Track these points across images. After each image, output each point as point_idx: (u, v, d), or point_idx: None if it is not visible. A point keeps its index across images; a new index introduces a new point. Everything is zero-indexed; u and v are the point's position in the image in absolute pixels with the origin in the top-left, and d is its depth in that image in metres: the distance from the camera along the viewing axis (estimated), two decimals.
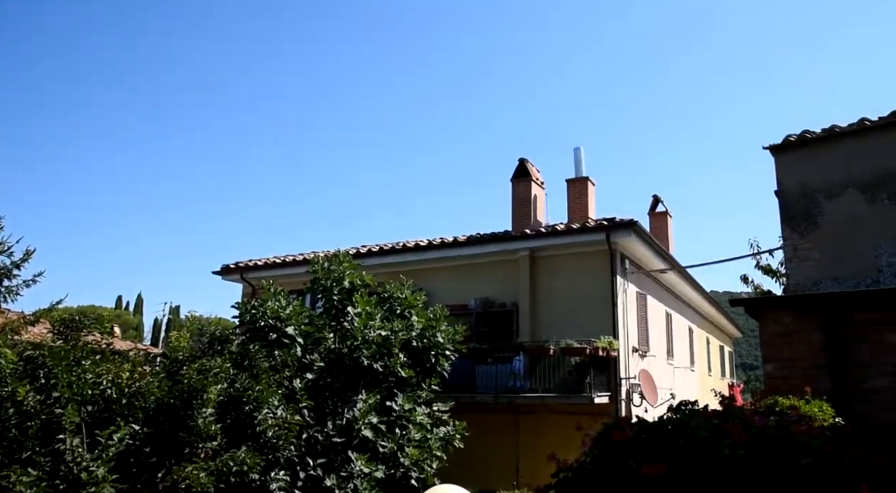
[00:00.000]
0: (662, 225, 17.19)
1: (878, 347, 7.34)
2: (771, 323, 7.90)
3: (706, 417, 3.15)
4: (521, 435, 12.23)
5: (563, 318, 12.47)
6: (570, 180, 14.05)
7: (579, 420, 3.17)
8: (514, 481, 11.14)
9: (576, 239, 12.60)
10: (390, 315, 9.60)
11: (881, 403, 7.19)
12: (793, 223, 9.69)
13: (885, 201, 9.14)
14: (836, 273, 9.25)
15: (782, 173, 9.97)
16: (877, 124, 9.41)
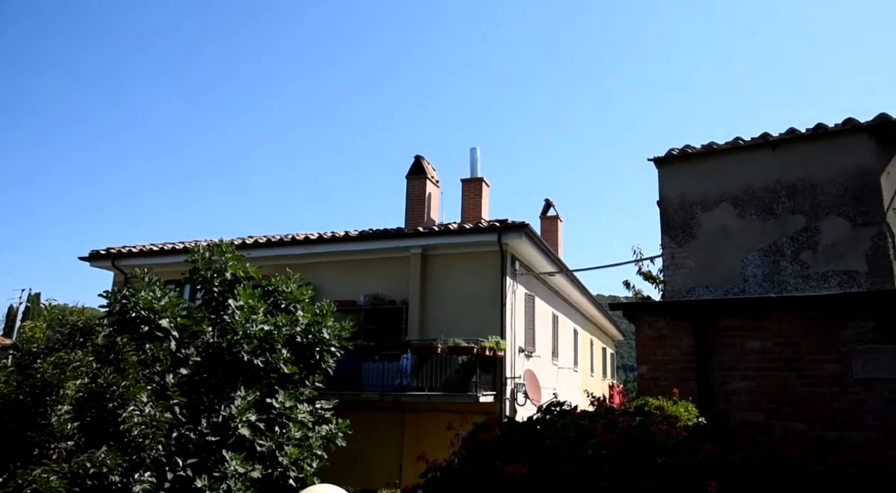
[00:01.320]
0: (553, 229, 17.84)
1: (740, 351, 7.98)
2: (646, 327, 8.38)
3: (574, 417, 3.28)
4: (406, 434, 12.28)
5: (453, 317, 12.65)
6: (465, 180, 14.28)
7: (451, 420, 3.20)
8: (396, 479, 11.18)
9: (468, 239, 12.81)
10: (274, 309, 9.35)
11: (739, 403, 7.82)
12: (671, 232, 10.33)
13: (752, 216, 9.93)
14: (708, 281, 9.97)
15: (664, 185, 10.60)
16: (749, 144, 10.21)
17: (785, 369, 7.76)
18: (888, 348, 7.42)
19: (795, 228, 9.62)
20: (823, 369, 7.64)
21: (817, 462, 7.43)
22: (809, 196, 9.66)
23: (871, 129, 9.52)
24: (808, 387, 7.63)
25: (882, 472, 7.18)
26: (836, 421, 7.46)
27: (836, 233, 9.41)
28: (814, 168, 9.72)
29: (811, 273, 9.44)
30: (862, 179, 9.43)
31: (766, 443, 7.64)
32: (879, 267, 9.13)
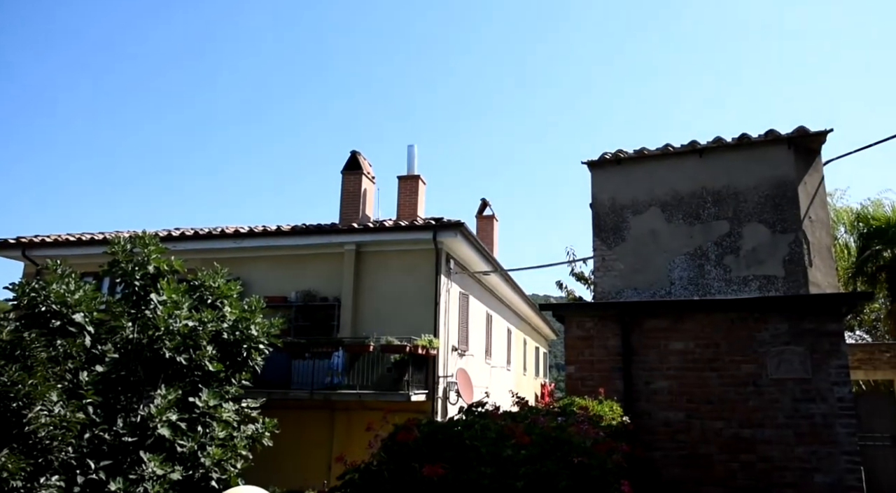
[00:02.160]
0: (489, 228, 18.02)
1: (664, 352, 8.26)
2: (574, 328, 8.56)
3: (495, 418, 3.31)
4: (336, 433, 12.16)
5: (386, 314, 12.59)
6: (402, 177, 14.24)
7: (371, 420, 3.18)
8: (325, 479, 11.04)
9: (403, 236, 12.79)
10: (200, 305, 9.07)
11: (661, 402, 8.10)
12: (602, 235, 10.59)
13: (679, 221, 10.29)
14: (637, 284, 10.26)
15: (596, 188, 10.85)
16: (677, 151, 10.57)
17: (705, 370, 8.09)
18: (799, 350, 7.84)
19: (719, 234, 10.03)
20: (741, 369, 8.00)
21: (733, 459, 7.78)
22: (733, 203, 10.08)
23: (790, 140, 10.02)
24: (726, 387, 7.98)
25: (790, 467, 7.58)
26: (750, 419, 7.82)
27: (756, 239, 9.85)
28: (737, 176, 10.15)
29: (733, 277, 9.86)
30: (781, 188, 9.91)
31: (686, 441, 7.94)
32: (795, 272, 9.62)
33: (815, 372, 7.77)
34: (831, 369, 7.73)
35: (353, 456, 3.24)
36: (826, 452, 7.53)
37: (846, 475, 7.46)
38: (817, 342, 7.82)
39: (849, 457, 7.49)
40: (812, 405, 7.70)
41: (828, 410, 7.63)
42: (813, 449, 7.57)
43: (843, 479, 7.45)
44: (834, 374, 7.73)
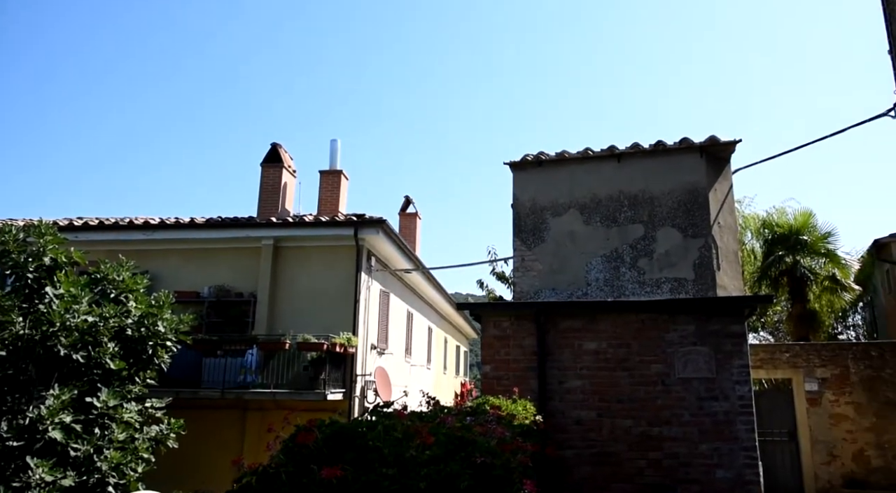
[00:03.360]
0: (411, 225, 18.01)
1: (578, 352, 8.47)
2: (491, 327, 8.66)
3: (401, 418, 3.28)
4: (247, 434, 11.84)
5: (304, 312, 12.37)
6: (324, 172, 14.02)
7: (271, 422, 3.09)
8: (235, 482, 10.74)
9: (323, 232, 12.59)
10: (102, 299, 8.58)
11: (574, 401, 8.31)
12: (522, 235, 10.76)
13: (597, 224, 10.59)
14: (555, 284, 10.49)
15: (518, 189, 11.03)
16: (597, 155, 10.88)
17: (617, 369, 8.36)
18: (705, 351, 8.22)
19: (635, 237, 10.39)
20: (650, 369, 8.31)
21: (641, 456, 8.07)
22: (648, 207, 10.46)
23: (702, 149, 10.49)
24: (636, 386, 8.27)
25: (694, 463, 7.94)
26: (658, 417, 8.14)
27: (669, 243, 10.27)
28: (653, 181, 10.54)
29: (647, 279, 10.23)
30: (693, 194, 10.36)
31: (597, 439, 8.18)
32: (704, 276, 10.08)
33: (719, 372, 8.15)
34: (734, 369, 8.14)
35: (265, 458, 3.14)
36: (727, 448, 7.92)
37: (745, 469, 7.88)
38: (721, 343, 8.21)
39: (747, 453, 7.90)
40: (715, 404, 8.08)
41: (730, 408, 8.03)
42: (715, 446, 7.95)
43: (742, 474, 7.86)
44: (736, 373, 8.14)
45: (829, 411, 12.93)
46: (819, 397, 13.04)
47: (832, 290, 19.53)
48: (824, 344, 14.35)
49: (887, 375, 12.78)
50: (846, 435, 12.73)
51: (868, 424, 12.66)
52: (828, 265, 19.15)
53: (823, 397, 13.01)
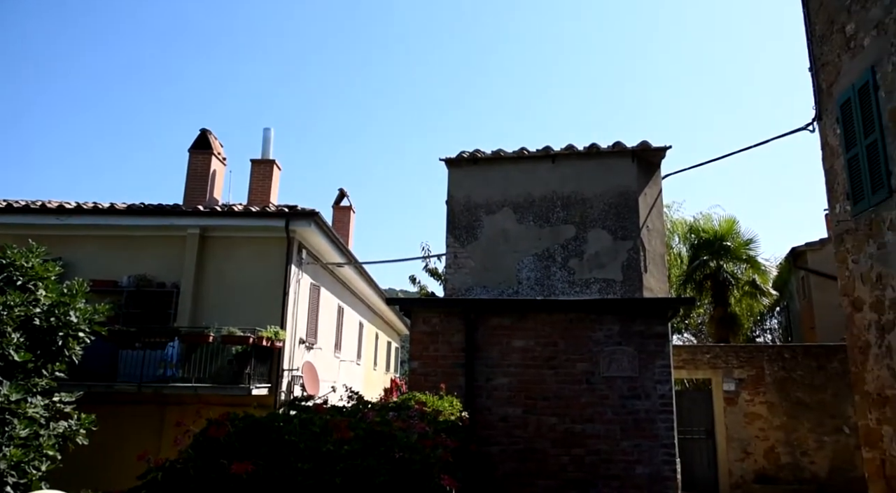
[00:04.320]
0: (345, 219, 17.83)
1: (506, 349, 8.59)
2: (421, 323, 8.67)
3: (320, 413, 3.24)
4: (165, 430, 11.44)
5: (231, 304, 12.06)
6: (256, 161, 13.70)
7: (181, 416, 3.00)
8: None
9: (253, 223, 12.30)
10: (7, 286, 8.12)
11: (501, 398, 8.42)
12: (456, 232, 10.83)
13: (530, 223, 10.76)
14: (487, 282, 10.60)
15: (453, 185, 11.08)
16: (532, 155, 11.05)
17: (544, 367, 8.52)
18: (629, 350, 8.47)
19: (566, 237, 10.61)
20: (576, 367, 8.51)
21: (565, 452, 8.26)
22: (580, 208, 10.71)
23: (634, 153, 10.81)
24: (562, 384, 8.45)
25: (615, 459, 8.18)
26: (583, 415, 8.35)
27: (599, 244, 10.54)
28: (586, 183, 10.80)
29: (576, 279, 10.48)
30: (624, 197, 10.67)
31: (522, 436, 8.32)
32: (632, 277, 10.40)
33: (642, 371, 8.42)
34: (656, 369, 8.42)
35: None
36: (647, 445, 8.20)
37: (663, 466, 8.17)
38: (645, 343, 8.49)
39: (666, 449, 8.20)
40: (637, 402, 8.35)
41: (651, 406, 8.31)
42: (636, 443, 8.21)
43: (660, 470, 8.15)
44: (658, 373, 8.42)
45: (745, 410, 13.56)
46: (736, 397, 13.66)
47: (752, 294, 20.50)
48: (742, 346, 15.03)
49: (798, 376, 13.50)
50: (759, 433, 13.38)
51: (779, 422, 13.34)
52: (748, 271, 20.08)
53: (740, 397, 13.64)
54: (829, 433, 13.11)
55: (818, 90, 9.52)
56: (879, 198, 7.61)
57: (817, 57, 9.51)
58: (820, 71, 9.42)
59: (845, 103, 8.44)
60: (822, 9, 9.37)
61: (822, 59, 9.33)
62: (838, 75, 8.74)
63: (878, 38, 7.66)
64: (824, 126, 9.33)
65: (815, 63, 9.59)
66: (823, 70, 9.29)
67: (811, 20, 9.79)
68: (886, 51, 7.45)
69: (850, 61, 8.36)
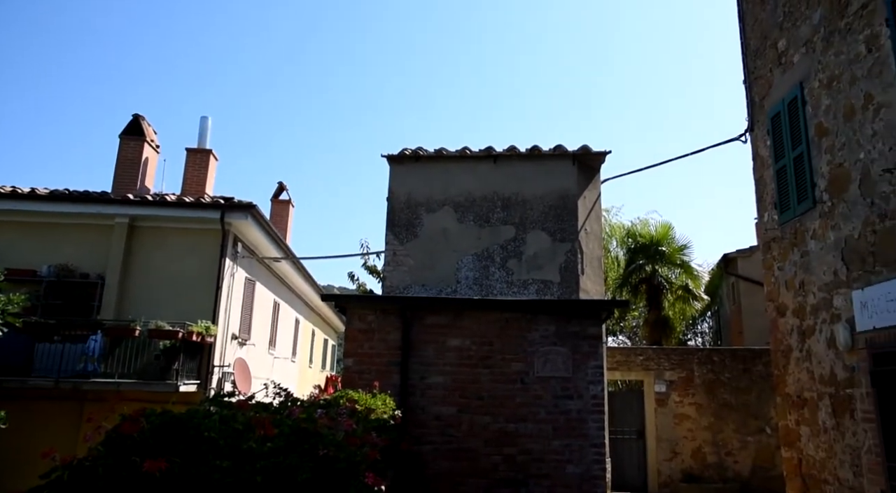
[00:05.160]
0: (283, 213, 17.55)
1: (442, 348, 8.61)
2: (356, 320, 8.61)
3: (244, 409, 3.17)
4: (84, 427, 10.98)
5: (160, 297, 11.68)
6: (191, 150, 13.31)
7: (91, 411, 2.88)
8: None
9: (187, 213, 11.94)
10: None
11: (435, 397, 8.43)
12: (395, 230, 10.80)
13: (470, 223, 10.83)
14: (425, 280, 10.61)
15: (394, 182, 11.05)
16: (474, 155, 11.12)
17: (479, 366, 8.58)
18: (563, 351, 8.62)
19: (506, 238, 10.73)
20: (511, 367, 8.60)
21: (497, 452, 8.34)
22: (520, 210, 10.84)
23: (574, 157, 11.02)
24: (496, 383, 8.53)
25: (546, 459, 8.31)
26: (516, 415, 8.44)
27: (538, 245, 10.70)
28: (527, 185, 10.94)
29: (515, 280, 10.61)
30: (563, 199, 10.85)
31: (456, 435, 8.36)
32: (569, 279, 10.60)
33: (576, 371, 8.58)
34: (589, 369, 8.60)
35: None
36: (578, 445, 8.36)
37: (593, 465, 8.34)
38: (579, 344, 8.65)
39: (596, 449, 8.38)
40: (570, 402, 8.50)
41: (583, 406, 8.48)
42: (567, 442, 8.36)
43: (590, 469, 8.32)
44: (591, 373, 8.60)
45: (674, 411, 14.01)
46: (666, 399, 14.09)
47: (685, 299, 21.25)
48: (674, 349, 15.53)
49: (726, 378, 14.03)
50: (687, 434, 13.84)
51: (706, 423, 13.84)
52: (682, 276, 20.80)
53: (670, 399, 14.07)
54: (753, 434, 13.67)
55: (751, 103, 9.91)
56: (804, 208, 7.98)
57: (751, 71, 9.89)
58: (753, 84, 9.80)
59: (776, 116, 8.81)
60: (756, 25, 9.75)
61: (755, 73, 9.71)
62: (770, 89, 9.11)
63: (806, 56, 8.03)
64: (756, 138, 9.71)
65: (749, 76, 9.98)
66: (756, 84, 9.67)
67: (746, 35, 10.18)
68: (814, 68, 7.82)
69: (781, 76, 8.73)
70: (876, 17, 6.56)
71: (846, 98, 7.08)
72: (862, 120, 6.77)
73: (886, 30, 6.34)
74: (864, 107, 6.72)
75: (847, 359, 6.98)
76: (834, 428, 7.31)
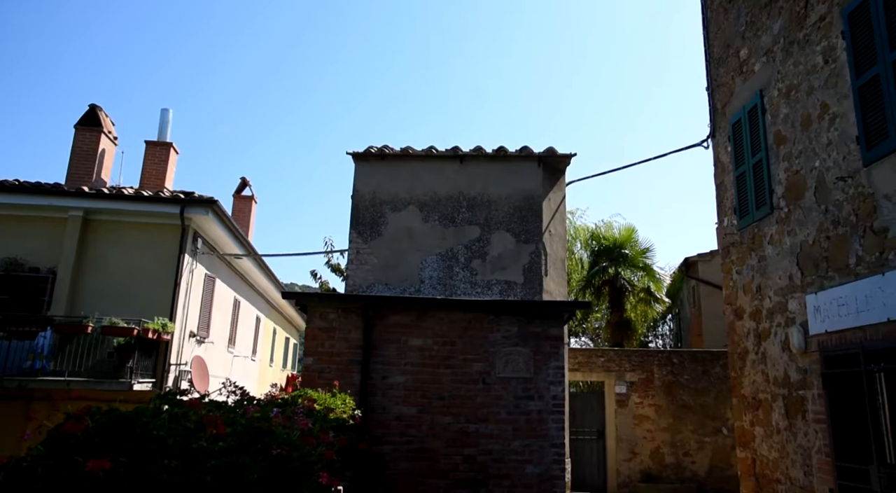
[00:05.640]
0: (246, 209, 17.31)
1: (403, 347, 8.58)
2: (317, 318, 8.53)
3: (196, 407, 3.11)
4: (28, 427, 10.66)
5: (115, 293, 11.39)
6: (151, 143, 13.02)
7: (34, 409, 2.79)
8: None
9: (145, 208, 11.67)
10: None
11: (396, 397, 8.40)
12: (360, 228, 10.74)
13: (435, 222, 10.83)
14: (389, 279, 10.58)
15: (359, 180, 10.99)
16: (441, 154, 11.12)
17: (441, 366, 8.57)
18: (525, 352, 8.66)
19: (470, 238, 10.76)
20: (473, 367, 8.61)
21: (457, 452, 8.34)
22: (485, 210, 10.88)
23: (540, 158, 11.10)
24: (458, 383, 8.53)
25: (506, 459, 8.34)
26: (477, 415, 8.46)
27: (502, 246, 10.75)
28: (492, 185, 10.98)
29: (478, 280, 10.64)
30: (528, 201, 10.93)
31: (416, 435, 8.33)
32: (532, 280, 10.67)
33: (537, 372, 8.63)
34: (550, 370, 8.66)
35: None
36: (538, 445, 8.41)
37: (553, 465, 8.40)
38: (541, 345, 8.70)
39: (556, 449, 8.44)
40: (531, 403, 8.55)
41: (543, 407, 8.54)
42: (527, 442, 8.41)
43: (549, 469, 8.38)
44: (552, 374, 8.66)
45: (634, 412, 14.21)
46: (626, 400, 14.28)
47: (646, 301, 21.59)
48: (635, 350, 15.75)
49: (685, 380, 14.29)
50: (646, 434, 14.06)
51: (665, 424, 14.07)
52: (644, 278, 21.11)
53: (630, 400, 14.27)
54: (710, 434, 13.95)
55: (713, 109, 10.11)
56: (762, 213, 8.16)
57: (714, 78, 10.09)
58: (716, 91, 10.00)
59: (736, 123, 9.00)
60: (719, 33, 9.95)
61: (718, 81, 9.91)
62: (731, 97, 9.31)
63: (767, 65, 8.22)
64: (717, 144, 9.91)
65: (712, 84, 10.18)
66: (719, 91, 9.87)
67: (710, 43, 10.38)
68: (774, 77, 8.00)
69: (743, 84, 8.92)
70: (833, 30, 6.75)
71: (803, 107, 7.26)
72: (818, 129, 6.96)
73: (842, 42, 6.52)
74: (821, 116, 6.91)
75: (800, 361, 7.16)
76: (786, 429, 7.49)
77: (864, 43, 6.16)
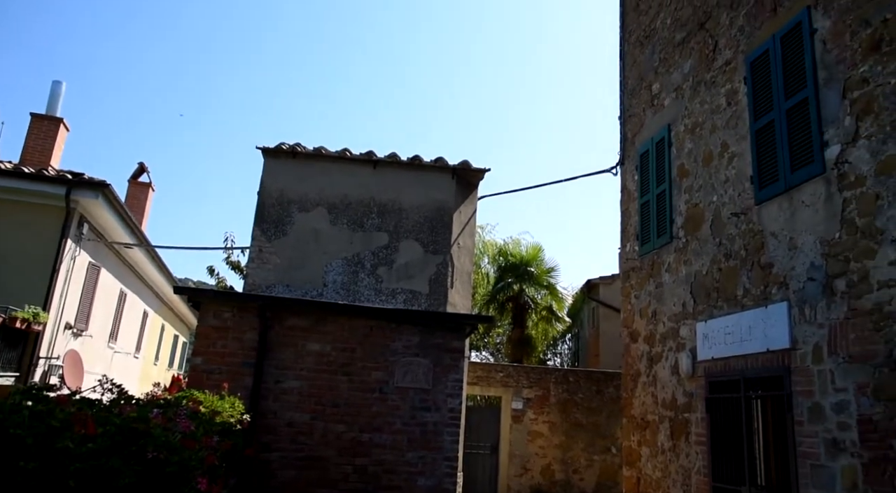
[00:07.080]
0: (142, 196, 16.47)
1: (301, 352, 8.39)
2: (211, 317, 8.21)
3: (63, 404, 2.90)
4: None
5: None
6: (37, 116, 12.13)
7: None
8: None
9: (24, 185, 10.81)
10: None
11: (289, 402, 8.19)
12: (264, 226, 10.45)
13: (343, 226, 10.70)
14: (291, 280, 10.33)
15: (268, 177, 10.70)
16: (355, 158, 11.01)
17: (338, 373, 8.44)
18: (425, 362, 8.67)
19: (378, 245, 10.69)
20: (371, 375, 8.53)
21: (348, 462, 8.22)
22: (396, 218, 10.85)
23: (454, 171, 11.21)
24: (354, 391, 8.42)
25: (399, 471, 8.30)
26: (371, 424, 8.38)
27: (410, 255, 10.75)
28: (405, 193, 10.98)
29: (383, 288, 10.58)
30: (440, 212, 10.99)
31: (307, 443, 8.15)
32: (438, 291, 10.72)
33: (435, 384, 8.65)
34: (449, 382, 8.70)
35: None
36: (431, 457, 8.42)
37: (445, 478, 8.43)
38: (441, 357, 8.74)
39: (449, 462, 8.47)
40: (427, 414, 8.55)
41: (439, 419, 8.56)
42: (421, 454, 8.40)
43: (441, 482, 8.40)
44: (450, 386, 8.70)
45: (529, 428, 14.51)
46: (522, 415, 14.57)
47: (548, 319, 22.21)
48: (533, 367, 16.11)
49: (579, 399, 14.74)
50: (538, 450, 14.38)
51: (558, 441, 14.45)
52: (547, 297, 21.72)
53: (525, 416, 14.57)
54: (599, 453, 14.44)
55: (624, 138, 10.56)
56: (662, 242, 8.57)
57: (627, 108, 10.55)
58: (627, 121, 10.46)
59: (644, 154, 9.43)
60: (634, 66, 10.43)
61: (630, 111, 10.36)
62: (641, 128, 9.76)
63: (676, 101, 8.68)
64: (626, 171, 10.35)
65: (625, 113, 10.64)
66: (630, 121, 10.33)
67: (625, 74, 10.86)
68: (681, 113, 8.46)
69: (653, 117, 9.37)
70: (736, 75, 7.22)
71: (706, 144, 7.71)
72: (718, 166, 7.40)
73: (744, 87, 6.98)
74: (721, 154, 7.35)
75: (687, 385, 7.55)
76: (671, 450, 7.86)
77: (763, 90, 6.62)
